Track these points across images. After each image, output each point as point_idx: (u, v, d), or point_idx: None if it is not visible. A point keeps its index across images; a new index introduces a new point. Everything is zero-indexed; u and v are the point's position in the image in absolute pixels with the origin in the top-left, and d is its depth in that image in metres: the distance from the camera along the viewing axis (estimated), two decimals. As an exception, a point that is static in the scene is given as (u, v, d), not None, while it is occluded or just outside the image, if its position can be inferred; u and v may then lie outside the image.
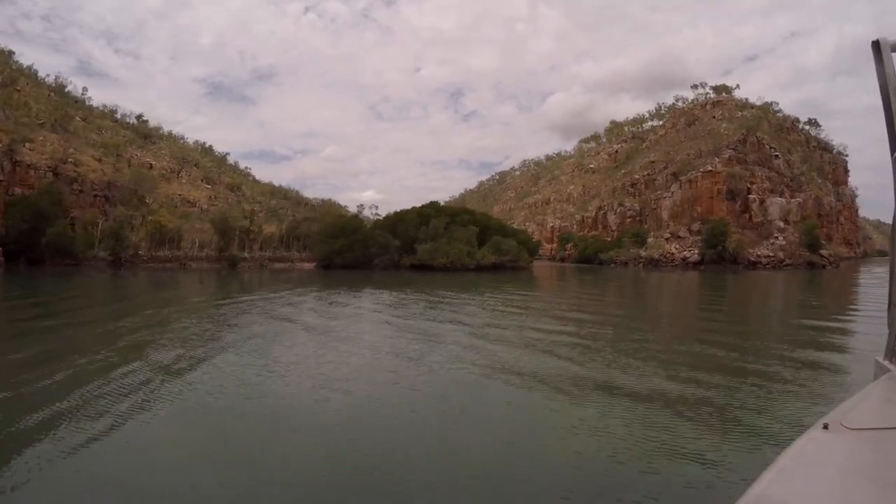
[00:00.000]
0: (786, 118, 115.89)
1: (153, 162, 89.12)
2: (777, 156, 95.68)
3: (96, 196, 65.83)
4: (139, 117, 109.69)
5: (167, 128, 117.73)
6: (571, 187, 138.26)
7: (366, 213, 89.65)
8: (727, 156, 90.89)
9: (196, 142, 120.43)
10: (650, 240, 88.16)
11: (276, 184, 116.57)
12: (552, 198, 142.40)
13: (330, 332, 14.95)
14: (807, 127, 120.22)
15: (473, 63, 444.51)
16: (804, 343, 13.56)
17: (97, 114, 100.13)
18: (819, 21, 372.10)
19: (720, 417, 7.49)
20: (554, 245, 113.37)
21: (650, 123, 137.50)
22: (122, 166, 76.81)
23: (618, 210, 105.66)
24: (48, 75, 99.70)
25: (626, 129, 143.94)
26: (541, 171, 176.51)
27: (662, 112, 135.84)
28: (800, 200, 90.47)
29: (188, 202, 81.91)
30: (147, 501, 5.20)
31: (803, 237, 78.52)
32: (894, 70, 1.81)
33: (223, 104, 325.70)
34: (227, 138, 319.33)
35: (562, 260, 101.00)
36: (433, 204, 72.09)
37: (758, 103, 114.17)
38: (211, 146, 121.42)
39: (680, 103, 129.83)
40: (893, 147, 1.82)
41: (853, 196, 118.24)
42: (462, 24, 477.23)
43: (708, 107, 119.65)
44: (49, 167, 63.35)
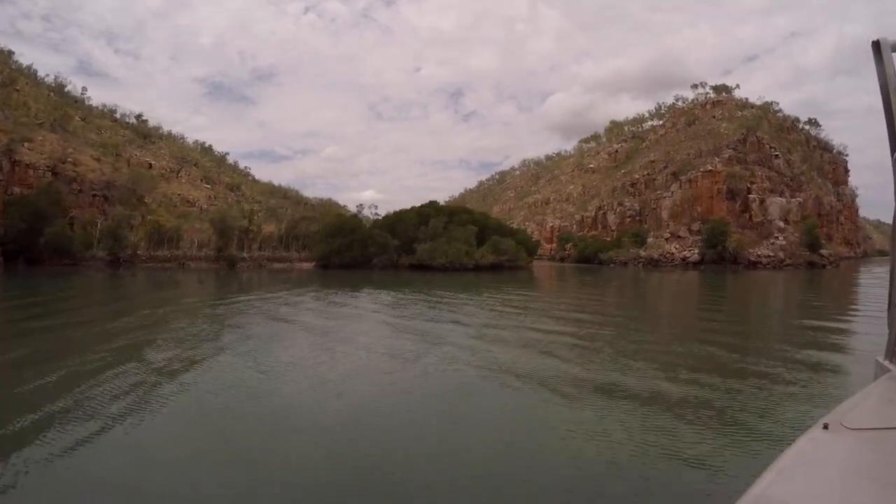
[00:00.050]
0: (786, 118, 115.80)
1: (152, 161, 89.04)
2: (777, 155, 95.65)
3: (95, 196, 65.77)
4: (138, 117, 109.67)
5: (167, 128, 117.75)
6: (571, 187, 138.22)
7: (365, 213, 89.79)
8: (727, 155, 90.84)
9: (195, 141, 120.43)
10: (650, 240, 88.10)
11: (276, 184, 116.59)
12: (552, 197, 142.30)
13: (328, 333, 14.94)
14: (807, 127, 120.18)
15: (473, 63, 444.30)
16: (805, 343, 13.54)
17: (96, 113, 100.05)
18: (819, 21, 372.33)
19: (720, 419, 7.48)
20: (553, 245, 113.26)
21: (650, 123, 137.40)
22: (122, 166, 76.72)
23: (617, 210, 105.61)
24: (47, 75, 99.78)
25: (626, 129, 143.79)
26: (541, 171, 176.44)
27: (662, 112, 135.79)
28: (800, 200, 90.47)
29: (187, 202, 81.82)
30: (147, 501, 5.19)
31: (803, 237, 78.47)
32: (894, 70, 1.81)
33: (223, 104, 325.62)
34: (227, 138, 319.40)
35: (561, 260, 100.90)
36: (432, 203, 71.89)
37: (758, 103, 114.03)
38: (210, 146, 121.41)
39: (680, 103, 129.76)
40: (894, 147, 1.81)
41: (853, 196, 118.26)
42: (462, 24, 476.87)
43: (708, 106, 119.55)
44: (48, 167, 63.32)
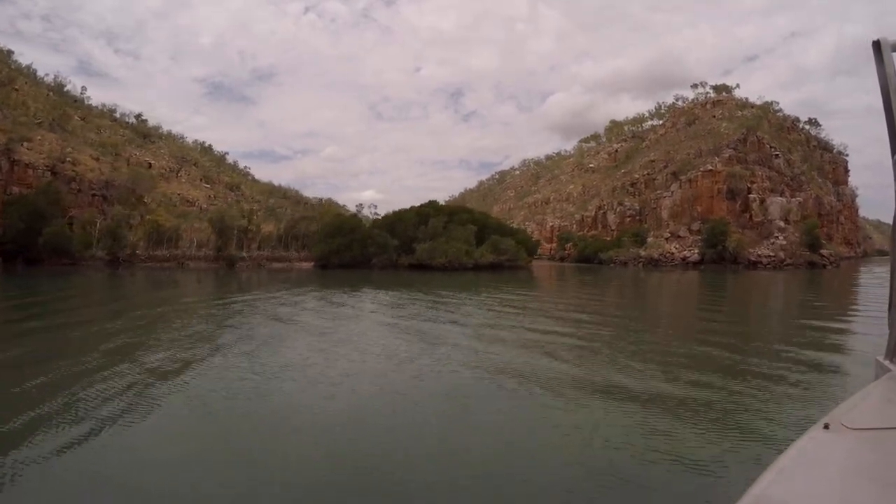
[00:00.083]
0: (786, 118, 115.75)
1: (152, 161, 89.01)
2: (777, 155, 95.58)
3: (94, 195, 65.74)
4: (138, 116, 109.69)
5: (167, 128, 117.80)
6: (571, 187, 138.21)
7: (365, 213, 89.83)
8: (727, 155, 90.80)
9: (195, 141, 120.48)
10: (650, 239, 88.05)
11: (276, 183, 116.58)
12: (552, 197, 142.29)
13: (327, 333, 14.92)
14: (807, 126, 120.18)
15: (473, 63, 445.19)
16: (806, 344, 13.50)
17: (96, 113, 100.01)
18: (819, 21, 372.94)
19: (720, 420, 7.46)
20: (553, 244, 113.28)
21: (650, 123, 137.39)
22: (121, 165, 76.70)
23: (617, 209, 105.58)
24: (47, 74, 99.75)
25: (626, 129, 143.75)
26: (540, 171, 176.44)
27: (662, 111, 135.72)
28: (800, 200, 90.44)
29: (187, 201, 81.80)
30: (147, 501, 5.18)
31: (804, 237, 78.37)
32: (895, 70, 1.81)
33: (223, 104, 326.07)
34: (227, 138, 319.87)
35: (561, 259, 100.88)
36: (432, 203, 71.78)
37: (758, 103, 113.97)
38: (210, 145, 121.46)
39: (680, 103, 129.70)
40: (894, 147, 1.81)
41: (853, 196, 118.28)
42: (462, 24, 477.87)
43: (708, 106, 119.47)
44: (47, 166, 63.29)
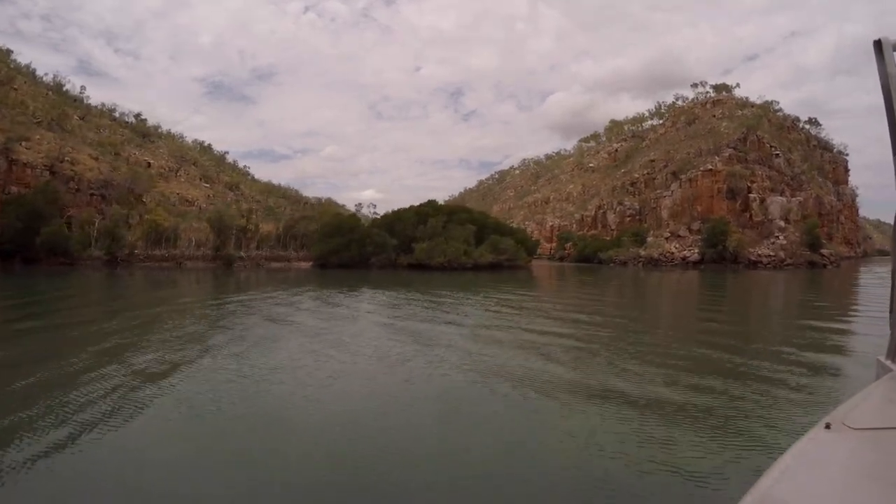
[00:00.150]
0: (786, 117, 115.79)
1: (151, 160, 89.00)
2: (777, 155, 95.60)
3: (93, 195, 65.68)
4: (137, 116, 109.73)
5: (166, 127, 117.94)
6: (571, 186, 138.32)
7: (364, 212, 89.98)
8: (727, 154, 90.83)
9: (195, 140, 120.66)
10: (650, 239, 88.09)
11: (276, 183, 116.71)
12: (552, 197, 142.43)
13: (326, 334, 14.88)
14: (807, 126, 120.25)
15: (473, 62, 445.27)
16: (807, 345, 13.48)
17: (95, 112, 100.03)
18: (819, 21, 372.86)
19: (720, 427, 7.41)
20: (553, 244, 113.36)
21: (650, 122, 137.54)
22: (120, 165, 76.67)
23: (617, 209, 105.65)
24: (46, 74, 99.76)
25: (626, 128, 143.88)
26: (540, 171, 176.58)
27: (662, 111, 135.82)
28: (800, 199, 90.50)
29: (186, 201, 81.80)
30: (147, 501, 5.16)
31: (804, 236, 78.41)
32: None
33: (223, 104, 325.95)
34: (227, 138, 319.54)
35: (561, 259, 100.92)
36: (431, 202, 71.77)
37: (758, 102, 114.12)
38: (210, 145, 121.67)
39: (680, 102, 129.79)
40: (895, 147, 1.80)
41: (853, 195, 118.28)
42: (462, 24, 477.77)
43: (708, 105, 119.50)
44: (45, 166, 63.22)
